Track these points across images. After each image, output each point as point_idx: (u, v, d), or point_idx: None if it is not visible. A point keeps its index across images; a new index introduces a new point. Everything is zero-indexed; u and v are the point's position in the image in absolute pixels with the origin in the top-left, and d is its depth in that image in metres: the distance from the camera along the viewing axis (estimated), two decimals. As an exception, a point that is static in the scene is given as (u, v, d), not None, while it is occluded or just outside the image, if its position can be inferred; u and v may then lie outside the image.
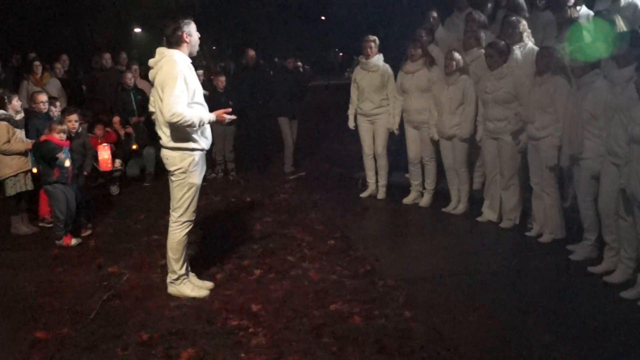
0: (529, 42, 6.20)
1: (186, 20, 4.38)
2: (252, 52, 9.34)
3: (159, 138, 4.46)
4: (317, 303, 4.42)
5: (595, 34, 5.61)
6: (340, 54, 37.52)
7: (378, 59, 7.08)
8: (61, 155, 5.80)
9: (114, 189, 8.05)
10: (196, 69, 4.67)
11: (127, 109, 8.61)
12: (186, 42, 4.38)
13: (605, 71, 5.01)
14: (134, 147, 8.47)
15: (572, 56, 5.11)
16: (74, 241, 5.94)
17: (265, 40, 28.21)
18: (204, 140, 4.47)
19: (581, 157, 5.01)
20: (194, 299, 4.55)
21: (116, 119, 8.40)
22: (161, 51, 4.38)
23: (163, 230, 6.32)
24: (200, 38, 4.49)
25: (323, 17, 34.72)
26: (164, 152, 4.46)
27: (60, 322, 4.26)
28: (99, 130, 7.88)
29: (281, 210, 7.09)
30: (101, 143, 7.62)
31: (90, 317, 4.30)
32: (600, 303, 4.38)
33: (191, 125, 4.25)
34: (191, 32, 4.40)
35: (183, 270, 4.62)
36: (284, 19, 31.70)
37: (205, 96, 4.62)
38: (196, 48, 4.49)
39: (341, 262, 5.26)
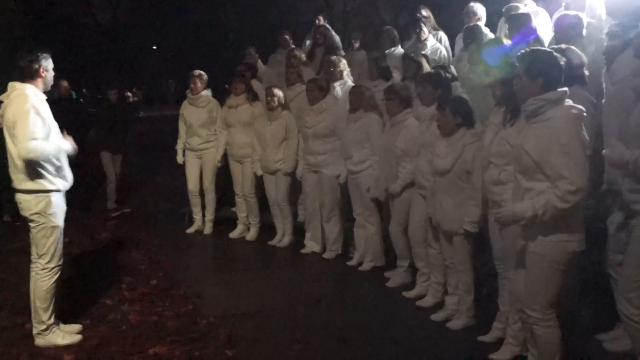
0: (349, 80, 6.54)
1: (44, 54, 4.19)
2: (65, 83, 8.75)
3: (12, 181, 4.14)
4: (135, 348, 4.22)
5: (404, 73, 6.08)
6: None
7: (206, 94, 7.04)
8: None
9: None
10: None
11: None
12: (42, 76, 4.18)
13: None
14: None
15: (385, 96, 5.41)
16: None
17: (90, 71, 27.02)
18: (59, 181, 4.19)
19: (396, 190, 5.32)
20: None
21: None
22: (12, 85, 4.13)
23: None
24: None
25: (155, 47, 34.03)
26: (18, 196, 4.15)
27: None
28: None
29: (102, 250, 6.71)
30: None
31: None
32: (413, 326, 4.63)
33: (49, 158, 4.02)
34: (48, 67, 4.22)
35: (52, 320, 4.30)
36: (112, 48, 30.64)
37: None
38: (50, 84, 4.29)
39: (162, 302, 5.08)
